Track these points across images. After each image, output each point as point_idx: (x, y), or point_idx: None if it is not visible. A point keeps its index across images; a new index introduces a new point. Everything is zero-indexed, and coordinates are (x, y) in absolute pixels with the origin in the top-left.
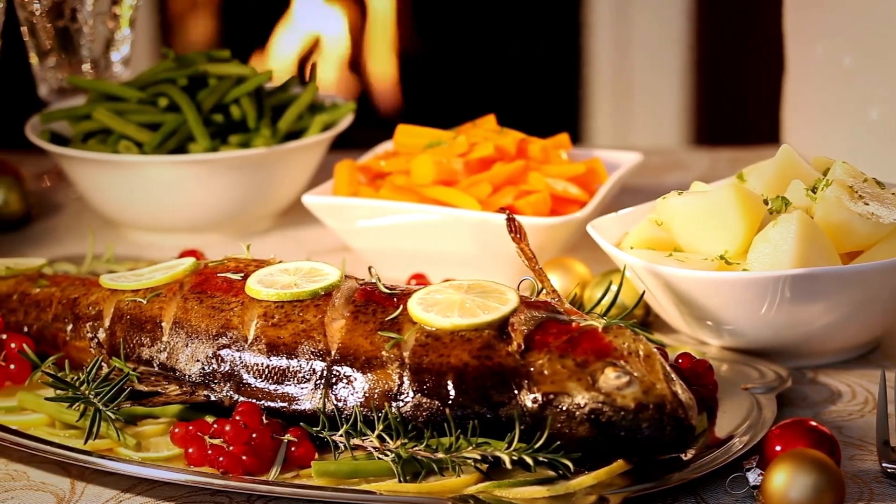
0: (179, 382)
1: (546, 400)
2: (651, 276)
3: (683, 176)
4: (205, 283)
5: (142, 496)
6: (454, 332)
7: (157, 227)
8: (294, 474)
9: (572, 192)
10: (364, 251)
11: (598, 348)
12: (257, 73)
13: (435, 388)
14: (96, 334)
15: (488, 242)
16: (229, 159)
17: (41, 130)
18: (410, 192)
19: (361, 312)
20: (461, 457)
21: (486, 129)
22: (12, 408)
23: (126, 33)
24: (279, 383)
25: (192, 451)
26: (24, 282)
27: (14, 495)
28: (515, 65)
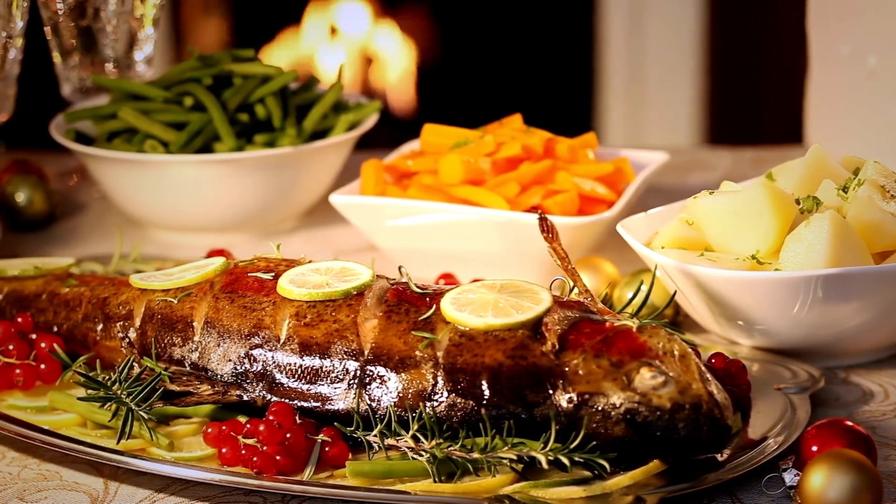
0: (211, 382)
1: (581, 400)
2: (682, 275)
3: (707, 175)
4: (235, 283)
5: (175, 496)
6: (488, 331)
7: (181, 227)
8: (328, 474)
9: (600, 191)
10: (391, 251)
11: (633, 348)
12: (282, 72)
13: (469, 388)
14: (127, 334)
15: (516, 242)
16: (255, 159)
17: (66, 130)
18: (438, 192)
19: (394, 312)
20: (496, 457)
21: (513, 128)
22: (43, 407)
23: (149, 32)
24: (312, 383)
25: (225, 451)
26: (53, 281)
27: (48, 495)
28: (529, 65)
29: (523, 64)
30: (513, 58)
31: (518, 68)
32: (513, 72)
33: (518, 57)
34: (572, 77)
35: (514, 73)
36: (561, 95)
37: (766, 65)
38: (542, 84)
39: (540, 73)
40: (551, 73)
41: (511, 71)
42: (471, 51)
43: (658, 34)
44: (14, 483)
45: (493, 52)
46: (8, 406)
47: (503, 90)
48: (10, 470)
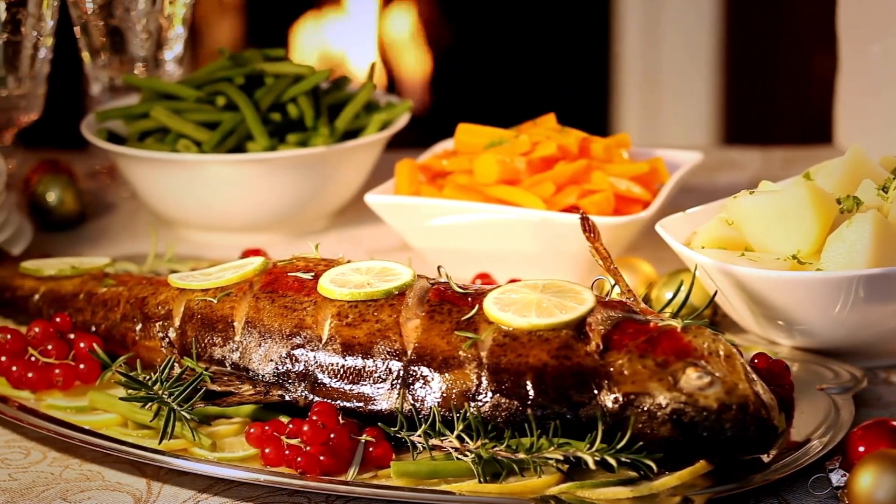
0: (253, 382)
1: (627, 400)
2: (723, 275)
3: (737, 175)
4: (275, 283)
5: (219, 496)
6: (532, 331)
7: (213, 227)
8: (372, 475)
9: (635, 191)
10: (426, 250)
11: (679, 348)
12: (314, 71)
13: (514, 389)
14: (167, 334)
15: (553, 242)
16: (289, 158)
17: (98, 129)
18: (473, 192)
19: (437, 312)
20: (542, 457)
21: (547, 127)
22: (83, 407)
23: (179, 31)
24: (355, 383)
25: (268, 452)
26: (90, 281)
27: (91, 495)
28: (545, 64)
29: (538, 64)
30: (528, 57)
31: (533, 68)
32: (528, 72)
33: (533, 57)
34: (588, 76)
35: (529, 72)
36: (576, 95)
37: (781, 64)
38: (557, 83)
39: (555, 73)
40: (567, 72)
41: (526, 71)
42: (485, 50)
43: (674, 34)
44: (56, 483)
45: (508, 52)
46: (47, 406)
47: (518, 90)
48: (51, 470)
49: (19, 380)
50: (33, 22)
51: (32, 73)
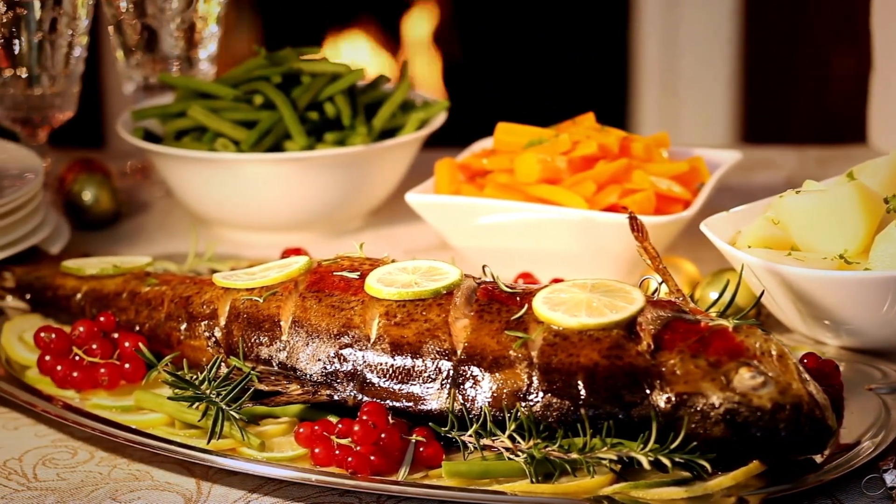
0: (300, 382)
1: (680, 400)
2: (770, 275)
3: (773, 174)
4: (321, 282)
5: (270, 496)
6: (582, 331)
7: (250, 226)
8: (423, 475)
9: (676, 190)
10: (467, 250)
11: (731, 348)
12: (351, 69)
13: (565, 388)
14: (213, 333)
15: (595, 241)
16: (327, 157)
17: (134, 128)
18: (514, 191)
19: (486, 311)
20: (595, 457)
21: (587, 126)
22: (129, 407)
23: (213, 30)
24: (404, 383)
25: (318, 452)
26: (132, 280)
27: (140, 495)
28: (562, 63)
29: (556, 62)
30: (545, 58)
31: (551, 67)
32: (545, 70)
33: (551, 57)
34: (606, 76)
35: (547, 71)
36: (594, 94)
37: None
38: (575, 83)
39: (573, 73)
40: (585, 72)
41: (544, 69)
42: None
43: (692, 34)
44: (105, 483)
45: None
46: (93, 405)
47: (534, 90)
48: (100, 470)
49: (64, 379)
50: (68, 20)
51: (67, 71)
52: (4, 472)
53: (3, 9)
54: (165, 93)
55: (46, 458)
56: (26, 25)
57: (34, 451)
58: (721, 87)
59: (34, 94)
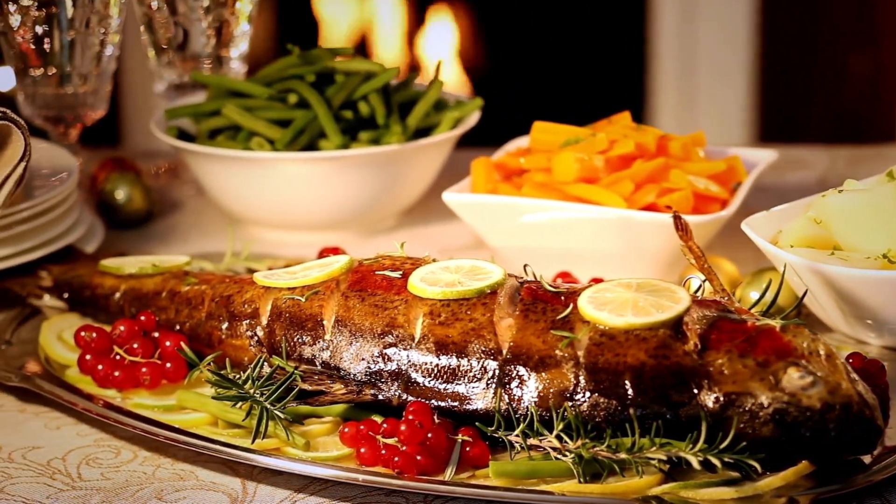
0: (344, 381)
1: (728, 400)
2: (813, 274)
3: (805, 174)
4: (363, 281)
5: (315, 496)
6: (629, 331)
7: (283, 225)
8: (469, 474)
9: (713, 189)
10: (503, 249)
11: (779, 348)
12: (385, 68)
13: (612, 388)
14: (255, 332)
15: (634, 241)
16: (362, 156)
17: (168, 127)
18: (552, 190)
19: (531, 311)
20: (644, 457)
21: (623, 125)
22: (171, 406)
23: (245, 29)
24: (449, 382)
25: (364, 451)
26: (171, 279)
27: (186, 495)
28: (579, 62)
29: (574, 62)
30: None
31: (567, 65)
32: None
33: (567, 54)
34: (623, 74)
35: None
36: (611, 93)
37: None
38: (592, 81)
39: (590, 71)
40: (602, 71)
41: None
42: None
43: (709, 33)
44: (150, 482)
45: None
46: (134, 405)
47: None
48: (144, 469)
49: (105, 378)
50: (100, 19)
51: (98, 70)
52: (49, 472)
53: (35, 7)
54: (196, 92)
55: (90, 457)
56: (58, 24)
57: (77, 450)
58: (738, 86)
59: (66, 93)
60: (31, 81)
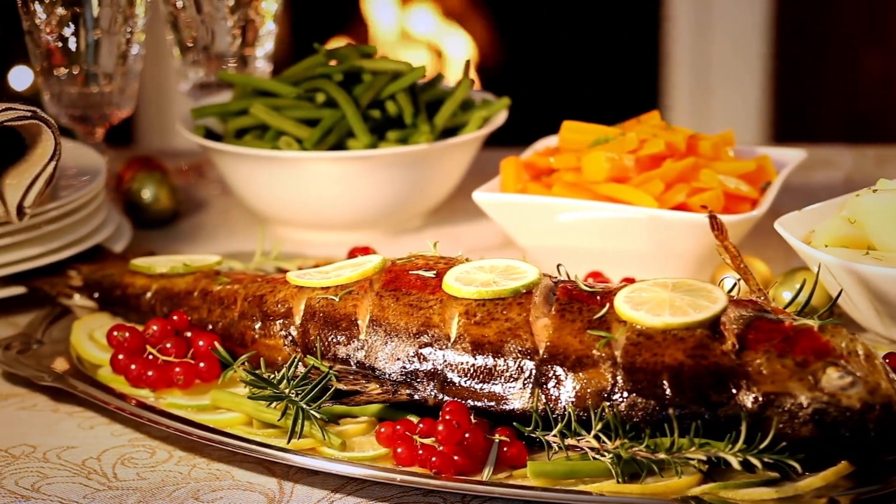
0: (380, 381)
1: (767, 400)
2: (847, 274)
3: (831, 174)
4: (397, 281)
5: (352, 496)
6: (666, 330)
7: (310, 224)
8: (507, 475)
9: (743, 189)
10: (533, 248)
11: (818, 348)
12: (413, 68)
13: (650, 388)
14: (288, 332)
15: (664, 240)
16: (391, 156)
17: (195, 126)
18: (582, 189)
19: (567, 311)
20: (683, 457)
21: (652, 125)
22: (204, 406)
23: (270, 28)
24: (485, 382)
25: (401, 451)
26: (202, 279)
27: (222, 495)
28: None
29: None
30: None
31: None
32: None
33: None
34: (637, 75)
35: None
36: (625, 93)
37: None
38: (606, 81)
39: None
40: (616, 71)
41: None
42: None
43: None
44: (186, 483)
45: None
46: (168, 405)
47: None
48: (179, 469)
49: (138, 378)
50: (125, 18)
51: (125, 69)
52: (84, 472)
53: (61, 6)
54: (221, 91)
55: (125, 457)
56: (84, 23)
57: (112, 450)
58: (751, 86)
59: (91, 92)
60: (57, 80)
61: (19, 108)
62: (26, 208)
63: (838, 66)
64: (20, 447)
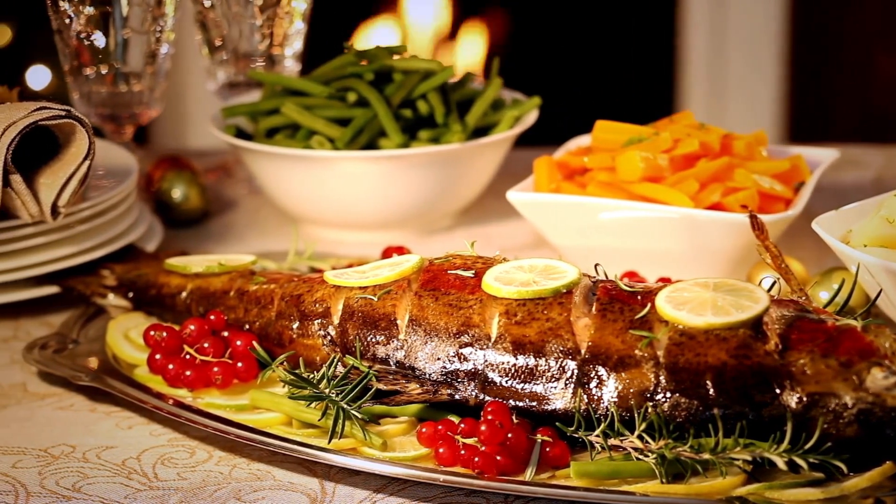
0: (420, 381)
1: (811, 400)
2: (887, 274)
3: (862, 174)
4: (435, 280)
5: (395, 496)
6: (709, 330)
7: (341, 224)
8: (549, 475)
9: (777, 189)
10: (568, 248)
11: (862, 348)
12: (444, 67)
13: (693, 388)
14: (327, 331)
15: (699, 240)
16: (423, 155)
17: (226, 126)
18: (617, 189)
19: (608, 311)
20: (728, 458)
21: (685, 124)
22: (243, 406)
23: (299, 27)
24: (527, 382)
25: (442, 452)
26: (238, 278)
27: (264, 495)
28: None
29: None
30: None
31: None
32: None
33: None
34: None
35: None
36: (640, 93)
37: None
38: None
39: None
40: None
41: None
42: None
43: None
44: (227, 482)
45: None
46: (206, 405)
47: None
48: (220, 469)
49: (176, 378)
50: (155, 17)
51: (154, 68)
52: (124, 472)
53: (90, 5)
54: (251, 91)
55: (164, 457)
56: (113, 22)
57: (151, 450)
58: (767, 86)
59: (121, 92)
60: (86, 80)
61: (54, 107)
62: (60, 208)
63: (853, 68)
64: (59, 447)
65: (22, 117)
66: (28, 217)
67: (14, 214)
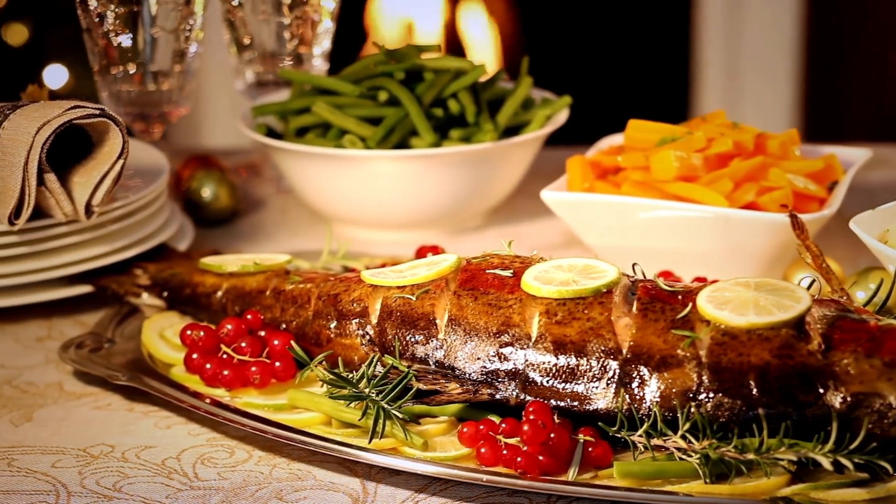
0: (460, 381)
1: (856, 401)
2: None
3: (889, 172)
4: (473, 280)
5: (437, 496)
6: (751, 330)
7: (372, 223)
8: (592, 475)
9: (811, 188)
10: (602, 247)
11: None
12: (475, 66)
13: (736, 388)
14: (365, 331)
15: (734, 239)
16: (454, 154)
17: (256, 125)
18: (651, 188)
19: (650, 310)
20: (773, 458)
21: (718, 124)
22: (281, 406)
23: (327, 26)
24: (568, 382)
25: (484, 451)
26: (273, 278)
27: (306, 494)
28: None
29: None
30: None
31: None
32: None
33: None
34: (667, 71)
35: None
36: (655, 91)
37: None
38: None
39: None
40: (646, 69)
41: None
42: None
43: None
44: (268, 482)
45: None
46: (244, 404)
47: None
48: (260, 469)
49: (214, 377)
50: (183, 16)
51: (182, 67)
52: (164, 471)
53: (119, 5)
54: (279, 90)
55: (204, 457)
56: (142, 21)
57: (191, 449)
58: (782, 85)
59: (149, 91)
60: (115, 79)
61: (87, 106)
62: (94, 207)
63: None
64: (98, 447)
65: (56, 116)
66: (62, 216)
67: (48, 213)
